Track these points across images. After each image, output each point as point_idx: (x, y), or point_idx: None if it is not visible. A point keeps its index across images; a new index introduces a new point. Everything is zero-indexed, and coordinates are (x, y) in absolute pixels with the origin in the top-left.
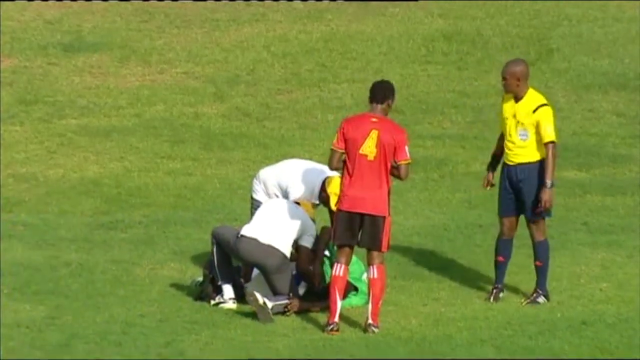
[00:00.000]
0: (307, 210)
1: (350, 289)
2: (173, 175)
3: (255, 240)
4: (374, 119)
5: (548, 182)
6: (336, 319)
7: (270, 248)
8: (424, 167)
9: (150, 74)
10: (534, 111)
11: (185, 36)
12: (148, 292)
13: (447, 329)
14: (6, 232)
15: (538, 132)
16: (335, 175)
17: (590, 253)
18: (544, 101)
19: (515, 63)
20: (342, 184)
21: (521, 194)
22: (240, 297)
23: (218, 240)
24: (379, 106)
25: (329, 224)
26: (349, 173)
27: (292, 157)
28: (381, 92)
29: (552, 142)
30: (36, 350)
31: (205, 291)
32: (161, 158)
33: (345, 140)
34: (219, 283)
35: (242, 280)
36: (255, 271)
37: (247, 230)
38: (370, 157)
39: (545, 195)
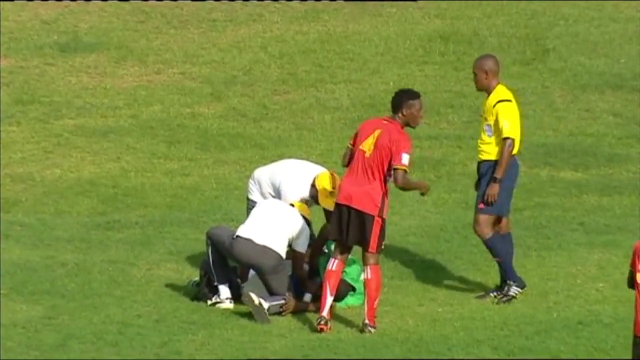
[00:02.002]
0: (302, 211)
1: (348, 289)
2: (170, 176)
3: (250, 241)
4: (385, 121)
5: (496, 176)
6: (324, 313)
7: (265, 249)
8: (421, 167)
9: (147, 74)
10: (494, 106)
11: (182, 36)
12: (144, 293)
13: (443, 329)
14: (3, 232)
15: (497, 129)
16: (325, 171)
17: (587, 253)
18: (506, 97)
19: (483, 57)
20: (343, 177)
21: (479, 190)
22: (237, 297)
23: (213, 241)
24: (396, 116)
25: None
26: (349, 165)
27: (289, 157)
28: (393, 103)
29: (508, 138)
30: (33, 351)
31: (202, 291)
32: (158, 158)
33: (357, 131)
34: (216, 283)
35: (239, 280)
36: (252, 271)
37: (242, 231)
38: (368, 153)
39: (491, 189)
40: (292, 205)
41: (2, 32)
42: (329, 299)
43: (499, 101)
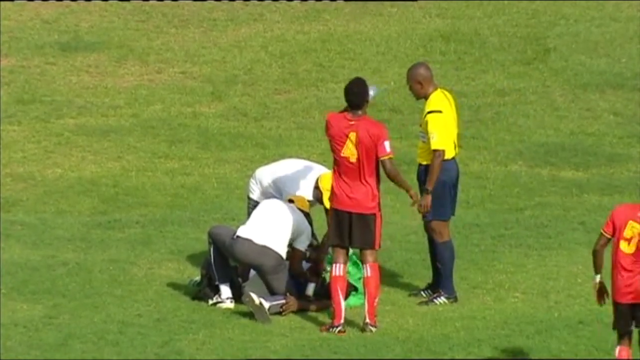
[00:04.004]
0: (301, 205)
1: (350, 289)
2: (170, 175)
3: (250, 241)
4: (351, 121)
5: (427, 187)
6: (342, 320)
7: (265, 249)
8: None
9: (147, 74)
10: (425, 117)
11: (183, 36)
12: (145, 292)
13: (444, 328)
14: (4, 231)
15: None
16: (328, 172)
17: (588, 252)
18: (437, 107)
19: (413, 67)
20: (332, 181)
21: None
22: (238, 296)
23: (214, 241)
24: (357, 111)
25: (326, 223)
26: (336, 173)
27: (290, 156)
28: (357, 99)
29: (437, 150)
30: (33, 350)
31: (203, 291)
32: (159, 158)
33: (329, 136)
34: (217, 283)
35: (239, 279)
36: (253, 270)
37: (242, 231)
38: (352, 159)
39: (423, 199)
40: (291, 200)
41: (2, 32)
42: (343, 305)
43: (429, 112)
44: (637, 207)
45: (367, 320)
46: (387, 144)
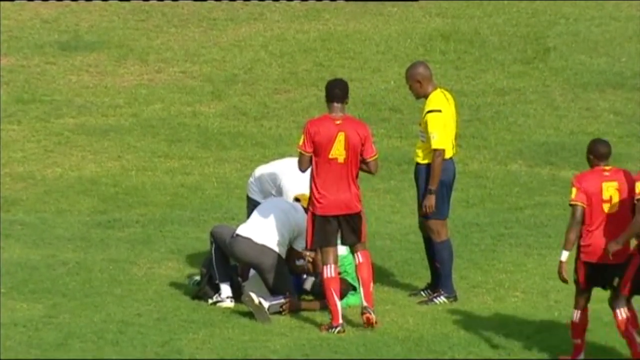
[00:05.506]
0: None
1: (348, 288)
2: (170, 174)
3: (249, 239)
4: (337, 121)
5: (430, 187)
6: (341, 321)
7: (264, 248)
8: None
9: (147, 73)
10: (424, 116)
11: (183, 35)
12: (145, 291)
13: (444, 328)
14: (4, 231)
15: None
16: None
17: None
18: (436, 106)
19: (413, 66)
20: (313, 188)
21: (417, 193)
22: (238, 296)
23: (216, 240)
24: (340, 105)
25: None
26: (320, 177)
27: (290, 156)
28: (342, 91)
29: (437, 149)
30: (33, 349)
31: (203, 289)
32: (159, 157)
33: (313, 144)
34: (217, 282)
35: (240, 279)
36: (252, 270)
37: (242, 230)
38: (341, 159)
39: (427, 200)
40: (297, 199)
41: (2, 31)
42: (339, 305)
43: (428, 111)
44: (596, 170)
45: (365, 303)
46: (372, 142)
